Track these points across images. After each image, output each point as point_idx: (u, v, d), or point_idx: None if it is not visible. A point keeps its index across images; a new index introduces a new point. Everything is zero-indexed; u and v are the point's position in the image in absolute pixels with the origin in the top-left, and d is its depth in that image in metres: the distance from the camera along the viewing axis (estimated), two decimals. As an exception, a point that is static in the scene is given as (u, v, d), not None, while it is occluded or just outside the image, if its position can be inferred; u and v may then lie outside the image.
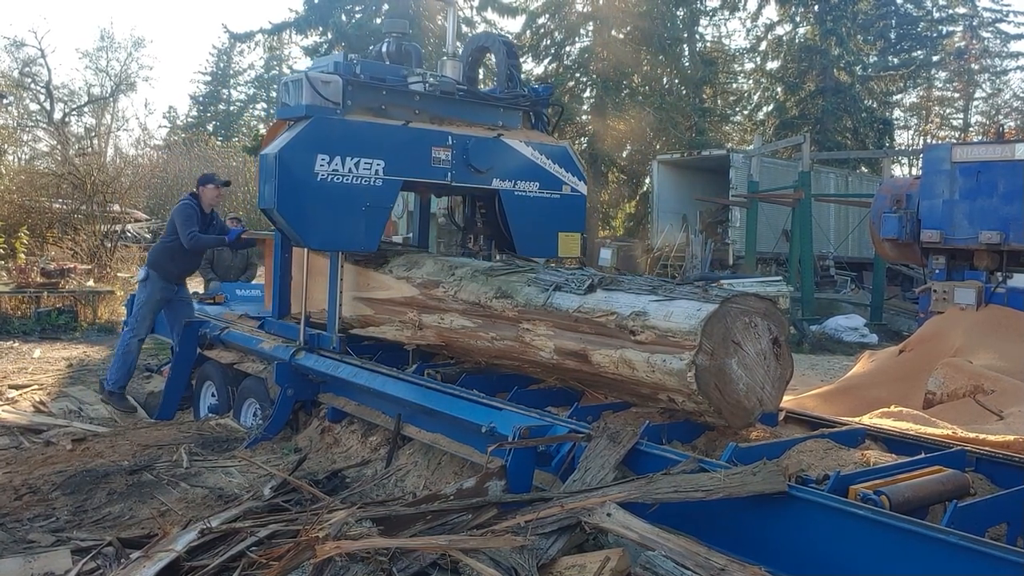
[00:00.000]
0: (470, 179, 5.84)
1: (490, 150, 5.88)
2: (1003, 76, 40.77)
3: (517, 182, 6.06)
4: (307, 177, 5.20)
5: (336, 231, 5.39)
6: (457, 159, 5.72)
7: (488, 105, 6.11)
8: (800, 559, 3.01)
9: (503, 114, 6.18)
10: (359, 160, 5.35)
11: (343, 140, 5.31)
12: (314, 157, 5.20)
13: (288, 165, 5.18)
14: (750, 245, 17.42)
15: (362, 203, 5.40)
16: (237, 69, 53.03)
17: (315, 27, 24.26)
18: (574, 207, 6.37)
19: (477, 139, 5.82)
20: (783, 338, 4.03)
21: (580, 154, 27.51)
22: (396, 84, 5.67)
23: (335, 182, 5.28)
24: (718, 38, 34.15)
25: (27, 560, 3.63)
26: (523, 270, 4.96)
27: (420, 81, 5.74)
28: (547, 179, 6.22)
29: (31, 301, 13.06)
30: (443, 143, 5.68)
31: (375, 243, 5.59)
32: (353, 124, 5.37)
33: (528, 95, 6.30)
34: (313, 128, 5.24)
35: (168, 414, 7.04)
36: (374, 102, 5.56)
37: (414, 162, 5.60)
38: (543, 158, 6.19)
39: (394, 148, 5.50)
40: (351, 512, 3.27)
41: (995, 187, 8.43)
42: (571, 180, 6.34)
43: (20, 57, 36.03)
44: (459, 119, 5.93)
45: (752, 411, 3.94)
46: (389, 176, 5.49)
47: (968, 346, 7.55)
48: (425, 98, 5.76)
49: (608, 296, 4.25)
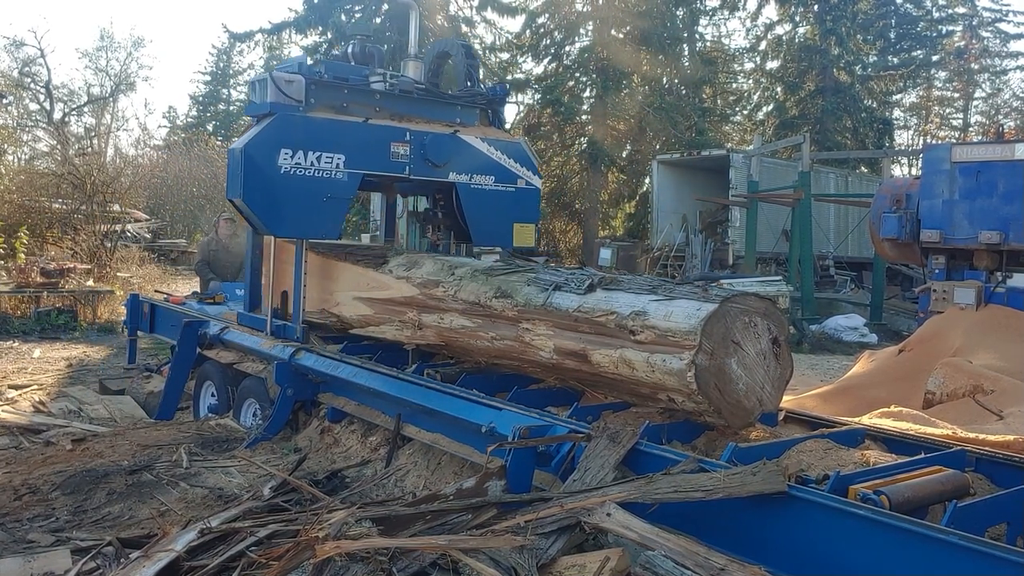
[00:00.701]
0: (428, 173, 6.21)
1: (447, 145, 6.24)
2: (1003, 76, 40.79)
3: (473, 176, 6.44)
4: (271, 170, 5.59)
5: (299, 220, 5.77)
6: (415, 154, 6.10)
7: (445, 103, 6.49)
8: (800, 559, 3.01)
9: (460, 112, 6.54)
10: (321, 154, 5.74)
11: (305, 136, 5.69)
12: (278, 151, 5.59)
13: (253, 159, 5.57)
14: (750, 245, 17.43)
15: (324, 194, 5.78)
16: (237, 69, 53.00)
17: (315, 27, 24.24)
18: (528, 199, 6.75)
19: (434, 135, 6.18)
20: (783, 338, 4.03)
21: (580, 154, 27.60)
22: (358, 83, 6.05)
23: (298, 175, 5.67)
24: (718, 38, 34.16)
25: (27, 560, 3.63)
26: (523, 270, 4.96)
27: (381, 80, 6.12)
28: (502, 173, 6.58)
29: (31, 301, 13.05)
30: (401, 139, 6.06)
31: (337, 232, 6.01)
32: (315, 121, 5.75)
33: (484, 94, 6.65)
34: (277, 124, 5.63)
35: (168, 414, 7.03)
36: (336, 100, 5.94)
37: (373, 156, 5.97)
38: (498, 153, 6.55)
39: (354, 143, 5.88)
40: (351, 512, 3.27)
41: (995, 187, 8.43)
42: (526, 174, 6.72)
43: (20, 57, 36.06)
44: (418, 116, 6.30)
45: (752, 411, 3.94)
46: (350, 169, 5.88)
47: (968, 346, 7.55)
48: (385, 96, 6.14)
49: (608, 296, 4.25)
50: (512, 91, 26.72)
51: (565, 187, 28.13)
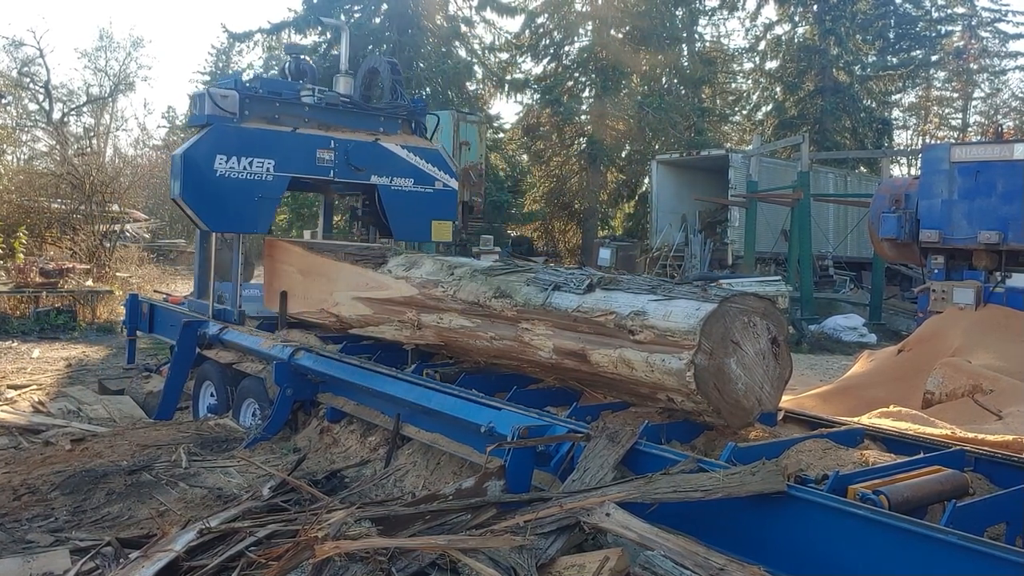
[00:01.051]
0: (350, 176, 7.07)
1: (368, 152, 7.12)
2: (1002, 76, 40.76)
3: (393, 178, 7.28)
4: (208, 173, 6.37)
5: (233, 217, 6.60)
6: (339, 159, 6.95)
7: (369, 115, 7.33)
8: (799, 559, 3.01)
9: (383, 122, 7.39)
10: (252, 159, 6.54)
11: (239, 143, 6.50)
12: (214, 157, 6.38)
13: (191, 163, 6.36)
14: (749, 245, 17.43)
15: (255, 194, 6.57)
16: (236, 69, 52.94)
17: (314, 27, 24.20)
18: (446, 200, 7.60)
19: (357, 142, 7.05)
20: (782, 338, 4.03)
21: (580, 154, 27.60)
22: (290, 97, 6.93)
23: (232, 177, 6.46)
24: (717, 38, 34.16)
25: (26, 560, 3.63)
26: (522, 270, 4.96)
27: (311, 95, 7.00)
28: (421, 176, 7.43)
29: (30, 301, 13.05)
30: (327, 146, 6.92)
31: (267, 227, 6.86)
32: (247, 130, 6.57)
33: (406, 106, 7.50)
34: (213, 133, 6.44)
35: (167, 414, 7.03)
36: (269, 112, 6.79)
37: (301, 161, 6.81)
38: (417, 158, 7.40)
39: (283, 150, 6.70)
40: (350, 512, 3.27)
41: (994, 187, 8.44)
42: (443, 177, 7.57)
43: (19, 57, 35.99)
44: (343, 126, 7.14)
45: (751, 411, 3.94)
46: (279, 173, 6.70)
47: (967, 346, 7.56)
48: (314, 109, 7.01)
49: (607, 296, 4.25)
50: (511, 91, 26.75)
51: (564, 187, 28.12)
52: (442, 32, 24.91)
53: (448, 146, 14.76)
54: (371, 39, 23.92)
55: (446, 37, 24.96)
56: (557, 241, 28.71)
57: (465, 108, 19.94)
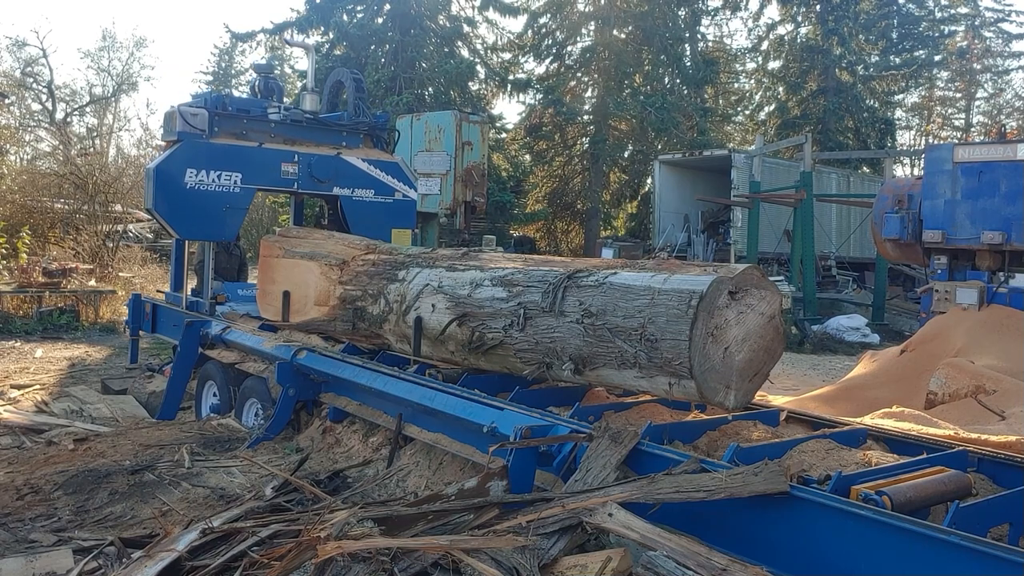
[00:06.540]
0: (314, 187, 7.59)
1: (330, 165, 7.61)
2: (1005, 76, 40.73)
3: (355, 189, 7.76)
4: (179, 185, 6.87)
5: (201, 225, 7.12)
6: (302, 172, 7.47)
7: (331, 130, 7.80)
8: (802, 559, 3.01)
9: (346, 136, 7.87)
10: (220, 173, 7.02)
11: (208, 158, 6.97)
12: (184, 171, 6.86)
13: (163, 176, 6.87)
14: (752, 245, 17.42)
15: (223, 205, 7.06)
16: (239, 69, 53.00)
17: (316, 27, 24.22)
18: (405, 209, 8.08)
19: (320, 156, 7.55)
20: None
21: (582, 154, 27.61)
22: (257, 114, 7.41)
23: (201, 189, 6.96)
24: (720, 38, 34.19)
25: (29, 560, 3.64)
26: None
27: (277, 112, 7.49)
28: (381, 187, 7.91)
29: (33, 301, 13.07)
30: (291, 160, 7.43)
31: (234, 235, 7.43)
32: (216, 146, 7.06)
33: (368, 121, 7.94)
34: (183, 149, 6.91)
35: (170, 414, 7.04)
36: (237, 128, 7.26)
37: (266, 174, 7.32)
38: (377, 171, 7.87)
39: (250, 164, 7.19)
40: (353, 512, 3.27)
41: (997, 187, 8.43)
42: (402, 188, 8.04)
43: (22, 57, 36.04)
44: (308, 141, 7.63)
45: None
46: (245, 185, 7.20)
47: (970, 346, 7.55)
48: (279, 125, 7.49)
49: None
50: (514, 91, 26.76)
51: (567, 187, 28.15)
52: (444, 32, 24.93)
53: (450, 146, 14.79)
54: (373, 39, 23.94)
55: (448, 37, 24.98)
56: (560, 241, 28.73)
57: (468, 108, 19.96)
